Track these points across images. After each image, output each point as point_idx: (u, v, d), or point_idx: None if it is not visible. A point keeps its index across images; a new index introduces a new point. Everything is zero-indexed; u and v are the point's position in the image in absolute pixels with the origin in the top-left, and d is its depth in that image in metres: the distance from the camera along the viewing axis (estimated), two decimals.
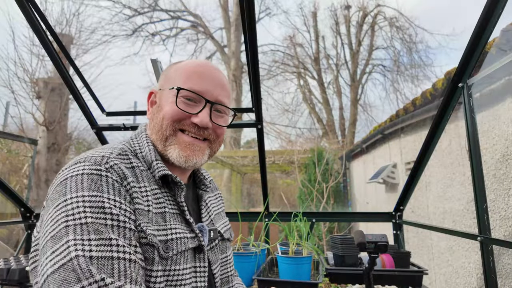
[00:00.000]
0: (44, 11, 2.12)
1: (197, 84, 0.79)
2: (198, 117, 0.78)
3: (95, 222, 0.59)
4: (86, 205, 0.60)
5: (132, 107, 8.62)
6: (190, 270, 0.74)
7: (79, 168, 0.65)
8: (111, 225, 0.60)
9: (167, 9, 11.85)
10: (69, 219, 0.59)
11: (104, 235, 0.58)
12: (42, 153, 7.25)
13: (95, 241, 0.57)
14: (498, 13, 1.37)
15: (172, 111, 0.78)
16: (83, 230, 0.58)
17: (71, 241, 0.56)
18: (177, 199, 0.78)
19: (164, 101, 0.81)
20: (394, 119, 4.72)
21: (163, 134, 0.79)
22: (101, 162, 0.67)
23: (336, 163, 7.74)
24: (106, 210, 0.61)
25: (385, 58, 12.92)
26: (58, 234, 0.58)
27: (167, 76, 0.85)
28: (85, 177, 0.63)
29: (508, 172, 2.19)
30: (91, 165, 0.66)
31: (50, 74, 7.73)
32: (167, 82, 0.83)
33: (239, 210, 2.25)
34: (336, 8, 12.34)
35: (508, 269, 2.14)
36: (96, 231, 0.58)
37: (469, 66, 1.58)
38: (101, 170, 0.65)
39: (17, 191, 2.48)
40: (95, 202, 0.61)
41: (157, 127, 0.80)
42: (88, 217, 0.59)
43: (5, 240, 6.29)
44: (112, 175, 0.66)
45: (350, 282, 1.67)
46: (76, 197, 0.61)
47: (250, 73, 1.75)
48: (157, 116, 0.80)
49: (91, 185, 0.63)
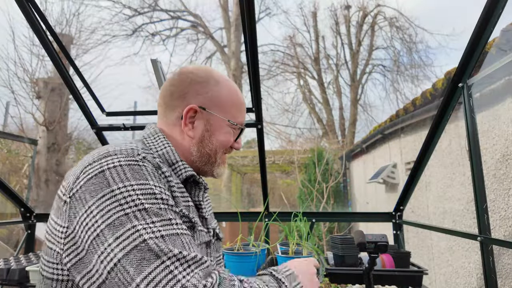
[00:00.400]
0: (44, 11, 2.12)
1: (242, 117, 0.93)
2: (238, 144, 0.93)
3: (152, 207, 0.63)
4: (138, 193, 0.63)
5: (132, 107, 8.61)
6: None
7: (114, 160, 0.67)
8: (165, 209, 0.65)
9: (167, 9, 11.85)
10: (126, 207, 0.61)
11: (164, 217, 0.63)
12: (42, 153, 7.25)
13: (159, 222, 0.62)
14: (498, 13, 1.37)
15: (227, 142, 0.89)
16: (144, 215, 0.61)
17: (138, 226, 0.60)
18: (194, 198, 0.85)
19: (217, 129, 0.88)
20: (394, 119, 4.73)
21: (214, 159, 0.88)
22: (133, 153, 0.70)
23: (336, 163, 7.74)
24: (157, 196, 0.65)
25: (385, 58, 12.92)
26: (116, 222, 0.60)
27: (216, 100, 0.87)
28: (125, 168, 0.66)
29: (508, 172, 2.19)
30: (125, 156, 0.68)
31: (50, 74, 7.73)
32: (218, 107, 0.87)
33: (239, 210, 2.25)
34: (336, 8, 12.34)
35: (508, 269, 2.14)
36: (156, 214, 0.63)
37: (469, 66, 1.58)
38: (137, 161, 0.68)
39: (17, 191, 2.48)
40: (144, 189, 0.64)
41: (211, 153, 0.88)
42: (145, 204, 0.63)
43: (5, 240, 6.29)
44: (149, 165, 0.70)
45: (350, 282, 1.67)
46: (125, 187, 0.63)
47: (250, 73, 1.75)
48: (211, 142, 0.87)
49: (135, 174, 0.66)
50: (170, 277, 0.57)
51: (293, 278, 0.75)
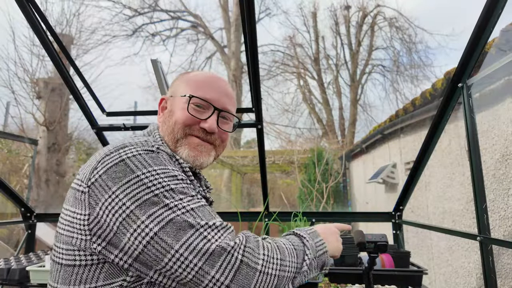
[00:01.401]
0: (45, 11, 2.13)
1: (207, 93, 0.88)
2: (207, 123, 0.87)
3: (177, 187, 0.70)
4: (162, 176, 0.69)
5: (132, 107, 8.63)
6: None
7: (132, 150, 0.72)
8: (187, 187, 0.72)
9: (167, 9, 11.85)
10: (154, 189, 0.67)
11: (188, 194, 0.70)
12: (43, 153, 7.25)
13: (186, 198, 0.69)
14: (498, 13, 1.37)
15: (183, 116, 0.86)
16: (172, 194, 0.68)
17: (170, 204, 0.66)
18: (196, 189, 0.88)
19: (175, 107, 0.89)
20: (394, 119, 4.73)
21: (174, 137, 0.87)
22: (148, 144, 0.76)
23: (336, 163, 7.75)
24: (178, 177, 0.72)
25: (384, 58, 12.93)
26: (147, 202, 0.66)
27: (178, 85, 0.93)
28: (144, 156, 0.71)
29: (507, 172, 2.19)
30: (142, 147, 0.74)
31: (50, 74, 7.73)
32: (178, 90, 0.91)
33: (239, 210, 2.25)
34: (336, 8, 12.35)
35: (507, 269, 2.14)
36: (182, 192, 0.70)
37: (468, 66, 1.58)
38: (153, 151, 0.74)
39: (18, 191, 2.49)
40: (167, 173, 0.71)
41: (169, 130, 0.88)
42: (171, 184, 0.69)
43: (5, 240, 6.30)
44: (163, 154, 0.76)
45: (349, 282, 1.68)
46: (149, 172, 0.69)
47: (250, 73, 1.75)
48: (169, 120, 0.89)
49: (155, 161, 0.71)
50: (205, 241, 0.65)
51: (315, 235, 0.85)
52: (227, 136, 0.95)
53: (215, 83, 0.92)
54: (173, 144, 0.87)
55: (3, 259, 2.01)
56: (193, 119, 0.86)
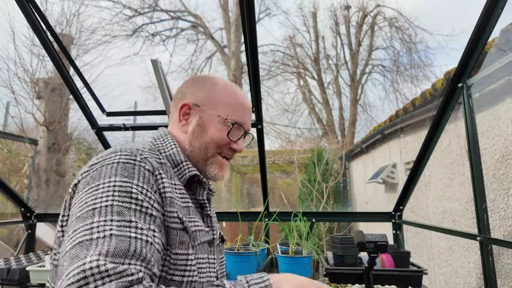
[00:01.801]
0: (45, 11, 2.13)
1: (241, 117, 0.92)
2: (238, 145, 0.92)
3: (119, 205, 0.63)
4: (115, 189, 0.65)
5: (133, 107, 8.62)
6: (206, 261, 0.82)
7: (116, 157, 0.71)
8: (134, 209, 0.64)
9: (167, 9, 11.85)
10: (97, 202, 0.63)
11: (125, 217, 0.62)
12: (43, 153, 7.25)
13: (117, 222, 0.60)
14: (498, 13, 1.38)
15: (220, 138, 0.89)
16: (107, 211, 0.61)
17: (95, 223, 0.60)
18: (198, 197, 0.87)
19: (210, 124, 0.89)
20: (394, 119, 4.73)
21: (206, 155, 0.89)
22: (136, 153, 0.73)
23: (336, 163, 7.74)
24: (132, 195, 0.65)
25: (384, 58, 12.92)
26: (84, 215, 0.62)
27: (210, 97, 0.91)
28: (120, 165, 0.69)
29: (507, 172, 2.19)
30: (127, 154, 0.72)
31: (50, 74, 7.73)
32: (211, 105, 0.90)
33: (239, 210, 2.25)
34: (336, 8, 12.34)
35: (507, 269, 2.14)
36: (119, 213, 0.62)
37: (468, 66, 1.58)
38: (135, 160, 0.71)
39: (18, 191, 2.49)
40: (124, 187, 0.66)
41: (202, 147, 0.89)
42: (115, 200, 0.63)
43: (5, 240, 6.30)
44: (145, 165, 0.72)
45: (350, 282, 1.68)
46: (108, 182, 0.66)
47: (250, 73, 1.75)
48: (202, 136, 0.89)
49: (124, 172, 0.68)
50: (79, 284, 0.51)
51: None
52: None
53: (246, 104, 0.95)
54: (203, 160, 0.89)
55: (3, 259, 2.02)
56: (227, 141, 0.90)
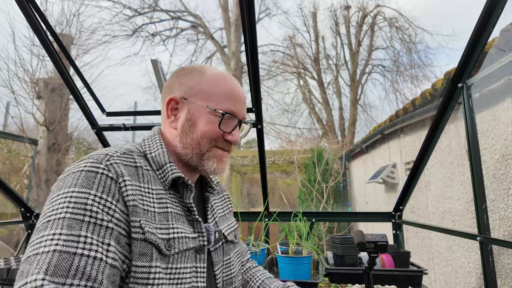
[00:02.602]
0: (45, 12, 2.13)
1: (233, 106, 0.85)
2: (232, 136, 0.86)
3: (71, 218, 0.60)
4: (71, 200, 0.63)
5: (132, 107, 8.63)
6: (191, 270, 0.76)
7: (82, 165, 0.69)
8: (88, 222, 0.61)
9: (167, 9, 11.85)
10: (52, 214, 0.61)
11: (74, 232, 0.59)
12: (43, 153, 7.25)
13: (65, 236, 0.58)
14: (498, 13, 1.38)
15: (212, 132, 0.83)
16: (58, 224, 0.59)
17: (45, 236, 0.58)
18: (185, 200, 0.81)
19: (199, 118, 0.83)
20: (394, 119, 4.73)
21: (201, 151, 0.83)
22: (102, 159, 0.70)
23: (336, 163, 7.75)
24: (87, 207, 0.63)
25: (384, 58, 12.94)
26: (40, 227, 0.61)
27: (198, 88, 0.84)
28: (82, 174, 0.67)
29: (507, 172, 2.19)
30: (92, 162, 0.69)
31: (50, 74, 7.73)
32: (199, 96, 0.83)
33: (239, 210, 2.25)
34: (335, 8, 12.36)
35: (507, 269, 2.14)
36: (69, 227, 0.59)
37: (468, 66, 1.58)
38: (99, 168, 0.68)
39: (18, 191, 2.49)
40: (80, 198, 0.63)
41: (193, 143, 0.83)
42: (68, 212, 0.61)
43: (6, 240, 6.30)
44: (109, 172, 0.69)
45: (349, 282, 1.68)
46: (67, 192, 0.64)
47: (250, 73, 1.75)
48: (192, 132, 0.83)
49: (85, 181, 0.66)
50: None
51: None
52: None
53: (237, 92, 0.87)
54: (198, 157, 0.83)
55: (3, 259, 2.02)
56: (220, 133, 0.84)
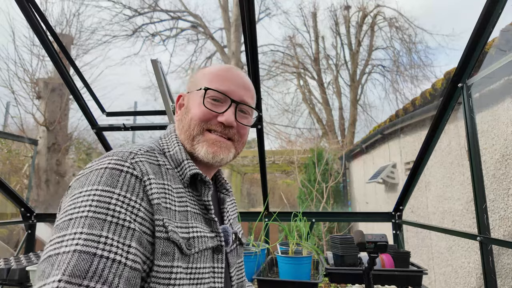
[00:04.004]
0: (44, 12, 2.13)
1: (222, 85, 0.83)
2: (224, 116, 0.81)
3: (93, 217, 0.59)
4: (94, 198, 0.61)
5: (132, 107, 8.62)
6: (209, 270, 0.75)
7: (105, 162, 0.67)
8: (110, 222, 0.60)
9: (167, 9, 11.85)
10: (74, 212, 0.60)
11: (95, 231, 0.58)
12: (42, 153, 7.25)
13: (85, 235, 0.57)
14: (498, 13, 1.38)
15: (200, 112, 0.81)
16: (80, 223, 0.58)
17: (66, 235, 0.57)
18: (203, 198, 0.80)
19: (191, 103, 0.84)
20: (394, 119, 4.73)
21: (190, 134, 0.82)
22: (127, 157, 0.69)
23: (336, 163, 7.75)
24: (110, 206, 0.61)
25: (384, 58, 12.93)
26: (61, 225, 0.59)
27: (194, 80, 0.88)
28: (106, 171, 0.65)
29: (507, 172, 2.19)
30: (117, 159, 0.68)
31: (50, 74, 7.74)
32: (194, 85, 0.86)
33: (239, 210, 2.25)
34: (335, 8, 12.35)
35: (507, 269, 2.14)
36: (90, 226, 0.58)
37: (468, 66, 1.58)
38: (123, 166, 0.67)
39: (17, 191, 2.49)
40: (104, 196, 0.62)
41: (185, 127, 0.83)
42: (91, 211, 0.60)
43: (5, 240, 6.30)
44: (134, 171, 0.68)
45: (349, 282, 1.68)
46: (90, 190, 0.62)
47: (250, 73, 1.76)
48: (186, 118, 0.84)
49: (109, 179, 0.64)
50: None
51: None
52: (246, 131, 0.88)
53: (231, 74, 0.86)
54: (190, 142, 0.82)
55: (3, 259, 2.01)
56: (210, 113, 0.81)
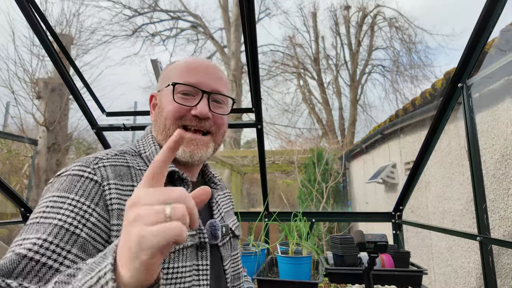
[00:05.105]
0: (44, 12, 2.13)
1: (191, 77, 0.80)
2: (197, 109, 0.79)
3: (42, 222, 0.59)
4: (49, 204, 0.62)
5: (132, 107, 8.61)
6: (191, 268, 0.74)
7: (70, 168, 0.69)
8: (55, 225, 0.59)
9: (167, 9, 11.86)
10: (30, 219, 0.61)
11: (38, 235, 0.57)
12: (42, 153, 7.25)
13: (28, 240, 0.57)
14: (498, 14, 1.38)
15: (172, 109, 0.79)
16: (29, 229, 0.59)
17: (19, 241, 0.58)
18: None
19: (164, 101, 0.82)
20: (394, 119, 4.73)
21: (167, 134, 0.80)
22: (91, 163, 0.70)
23: (335, 163, 7.75)
24: (61, 210, 0.61)
25: (384, 58, 12.96)
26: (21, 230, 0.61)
27: (164, 76, 0.86)
28: (68, 178, 0.67)
29: (507, 172, 2.19)
30: (80, 165, 0.69)
31: (50, 74, 7.74)
32: (164, 82, 0.84)
33: (239, 210, 2.25)
34: (335, 8, 12.37)
35: (507, 269, 2.14)
36: (37, 231, 0.58)
37: (468, 66, 1.58)
38: (85, 172, 0.68)
39: (17, 191, 2.48)
40: (58, 202, 0.63)
41: (161, 127, 0.81)
42: (42, 217, 0.60)
43: (5, 240, 6.29)
44: (95, 176, 0.68)
45: (349, 282, 1.68)
46: (49, 197, 0.64)
47: (250, 74, 1.75)
48: (160, 117, 0.82)
49: (67, 186, 0.65)
50: None
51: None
52: (223, 120, 0.85)
53: (199, 65, 0.83)
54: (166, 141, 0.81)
55: None
56: (182, 108, 0.79)
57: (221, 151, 8.77)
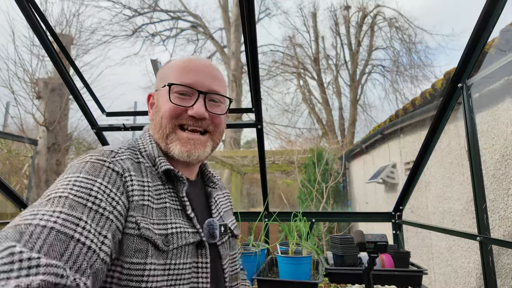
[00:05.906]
0: (44, 12, 2.13)
1: (187, 77, 0.81)
2: (193, 109, 0.80)
3: (74, 200, 0.58)
4: (76, 183, 0.61)
5: (132, 107, 8.62)
6: (191, 265, 0.74)
7: (87, 157, 0.69)
8: (90, 208, 0.58)
9: (167, 9, 11.86)
10: (53, 193, 0.59)
11: (75, 214, 0.55)
12: (42, 153, 7.25)
13: (65, 214, 0.54)
14: (498, 14, 1.38)
15: (169, 109, 0.80)
16: (59, 202, 0.56)
17: (43, 211, 0.54)
18: (178, 194, 0.79)
19: (161, 101, 0.83)
20: (394, 119, 4.73)
21: (163, 133, 0.81)
22: (108, 155, 0.71)
23: (335, 163, 7.75)
24: (92, 193, 0.61)
25: (384, 58, 12.96)
26: (37, 203, 0.57)
27: (161, 76, 0.87)
28: (88, 164, 0.67)
29: (507, 172, 2.19)
30: (98, 156, 0.70)
31: (50, 74, 7.74)
32: (161, 82, 0.85)
33: (239, 210, 2.25)
34: (335, 8, 12.37)
35: (507, 269, 2.14)
36: (71, 207, 0.56)
37: (468, 66, 1.58)
38: (105, 161, 0.69)
39: (17, 191, 2.48)
40: (86, 183, 0.62)
41: (157, 126, 0.82)
42: (71, 193, 0.58)
43: None
44: (115, 167, 0.69)
45: (349, 282, 1.68)
46: (72, 176, 0.63)
47: (250, 74, 1.75)
48: (157, 117, 0.83)
49: (91, 169, 0.65)
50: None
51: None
52: (220, 120, 0.85)
53: (195, 64, 0.83)
54: (164, 141, 0.81)
55: None
56: (178, 109, 0.79)
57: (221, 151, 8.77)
